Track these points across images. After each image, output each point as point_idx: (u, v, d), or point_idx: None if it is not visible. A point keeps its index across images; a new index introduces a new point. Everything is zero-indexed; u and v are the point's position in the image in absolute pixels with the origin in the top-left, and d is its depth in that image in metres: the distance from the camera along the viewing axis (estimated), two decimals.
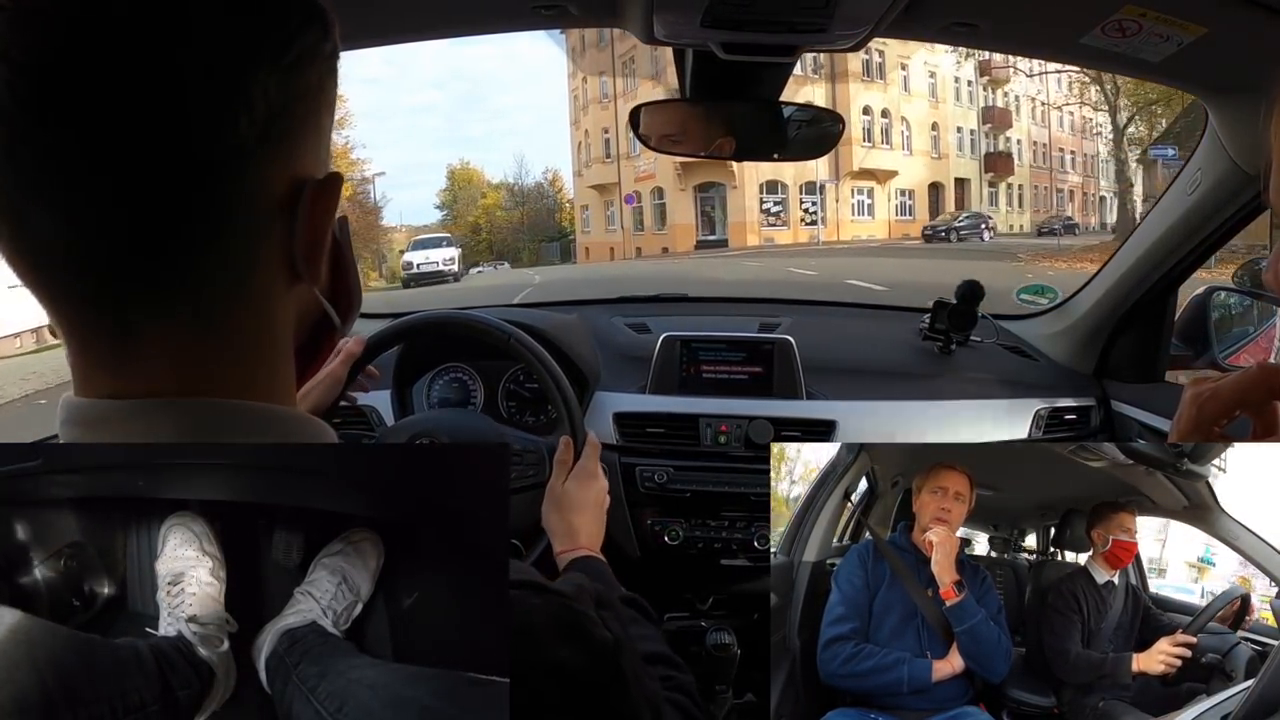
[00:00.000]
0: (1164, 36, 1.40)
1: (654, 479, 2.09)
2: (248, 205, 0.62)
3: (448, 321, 1.79)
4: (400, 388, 2.18)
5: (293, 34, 0.63)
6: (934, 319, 2.45)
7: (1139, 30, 1.40)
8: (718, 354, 2.26)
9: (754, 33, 1.49)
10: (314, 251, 0.68)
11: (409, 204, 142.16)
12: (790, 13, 1.41)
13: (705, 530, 2.09)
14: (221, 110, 0.59)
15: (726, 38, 1.51)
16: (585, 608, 0.78)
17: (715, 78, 1.72)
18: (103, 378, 0.63)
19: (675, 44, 1.63)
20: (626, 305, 2.84)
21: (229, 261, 0.63)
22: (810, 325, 2.52)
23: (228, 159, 0.60)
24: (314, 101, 0.66)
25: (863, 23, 1.47)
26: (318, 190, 0.66)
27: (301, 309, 0.71)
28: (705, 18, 1.42)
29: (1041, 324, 2.62)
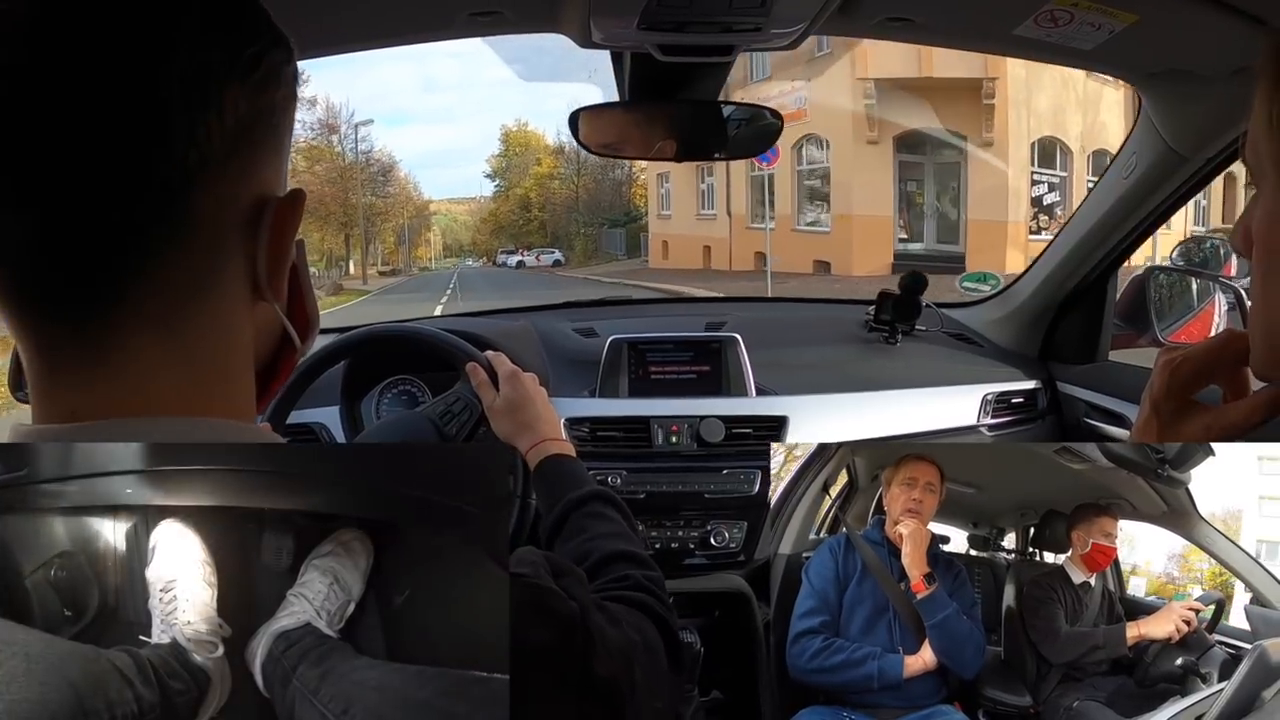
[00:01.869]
0: (1096, 25, 1.41)
1: (608, 483, 2.06)
2: (212, 218, 0.62)
3: (365, 337, 1.78)
4: (349, 402, 2.15)
5: (262, 52, 0.64)
6: (879, 310, 2.47)
7: (1071, 20, 1.41)
8: (665, 355, 2.25)
9: (691, 34, 1.49)
10: (277, 268, 0.68)
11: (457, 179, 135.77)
12: (726, 13, 1.41)
13: (662, 531, 2.08)
14: (191, 120, 0.59)
15: (664, 39, 1.51)
16: (546, 583, 0.79)
17: (654, 80, 1.73)
18: (63, 395, 0.62)
19: (613, 47, 1.63)
20: (573, 310, 2.84)
21: (192, 275, 0.62)
22: (756, 322, 2.52)
23: (195, 169, 0.60)
24: (279, 119, 0.67)
25: (798, 21, 1.47)
26: (281, 207, 0.67)
27: (262, 328, 0.71)
28: (642, 20, 1.42)
29: (985, 310, 2.66)
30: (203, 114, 0.59)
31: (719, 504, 2.07)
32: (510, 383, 1.51)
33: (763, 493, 2.06)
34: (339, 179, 44.18)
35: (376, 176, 47.76)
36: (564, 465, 1.31)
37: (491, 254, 54.47)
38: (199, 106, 0.59)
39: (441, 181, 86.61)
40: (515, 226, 51.83)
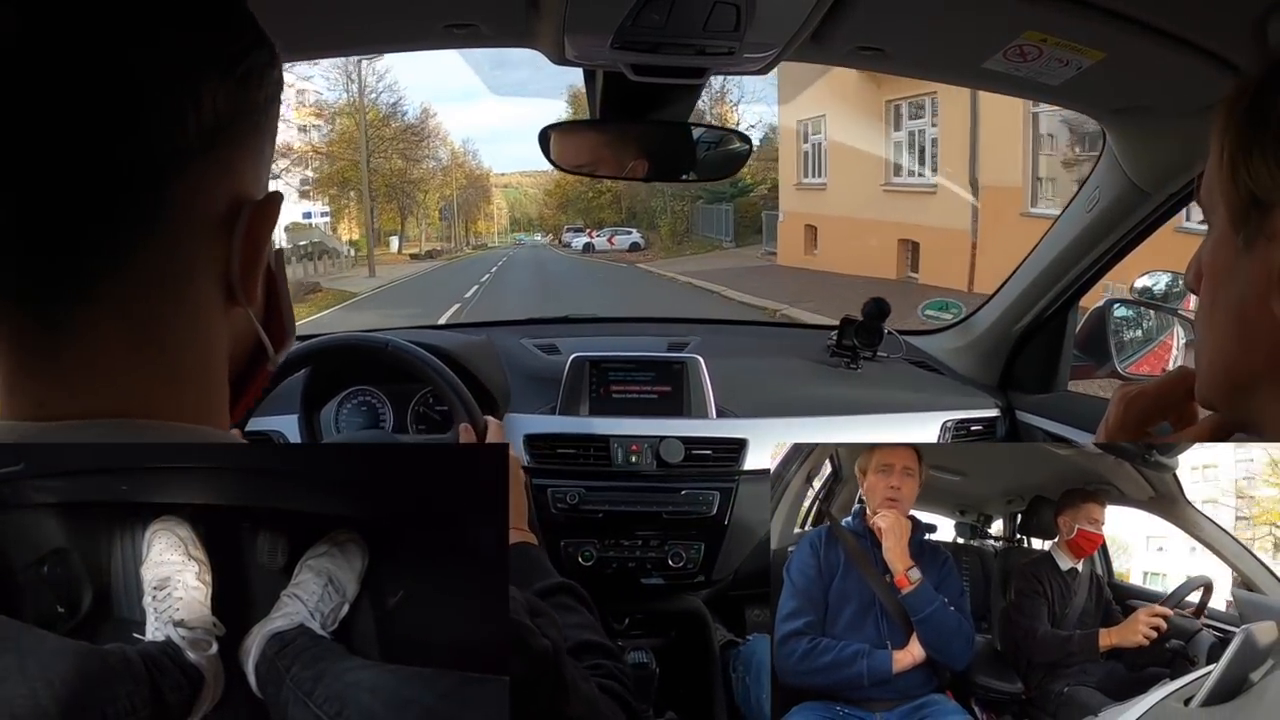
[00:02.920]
0: (1064, 61, 1.43)
1: (566, 500, 2.07)
2: (185, 213, 0.62)
3: (329, 345, 1.76)
4: (308, 411, 2.13)
5: (243, 51, 0.64)
6: (841, 335, 2.48)
7: (1040, 55, 1.43)
8: (627, 374, 2.26)
9: (664, 55, 1.50)
10: (250, 272, 0.67)
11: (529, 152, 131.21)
12: (700, 36, 1.42)
13: (619, 550, 2.08)
14: (168, 111, 0.59)
15: (637, 59, 1.52)
16: (521, 618, 0.80)
17: (625, 99, 1.73)
18: (30, 392, 0.62)
19: (586, 65, 1.64)
20: (535, 326, 2.84)
21: (163, 272, 0.62)
22: (718, 344, 2.54)
23: (169, 163, 0.60)
24: (259, 120, 0.67)
25: (770, 47, 1.49)
26: (257, 210, 0.67)
27: (236, 335, 0.71)
28: (616, 39, 1.42)
29: (946, 339, 2.69)
30: (180, 107, 0.59)
31: (677, 524, 2.07)
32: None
33: (721, 514, 2.07)
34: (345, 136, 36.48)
35: (405, 135, 39.66)
36: (530, 553, 1.31)
37: (558, 231, 48.33)
38: (176, 98, 0.59)
39: (515, 154, 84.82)
40: (584, 200, 44.82)
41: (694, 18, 1.35)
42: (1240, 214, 0.71)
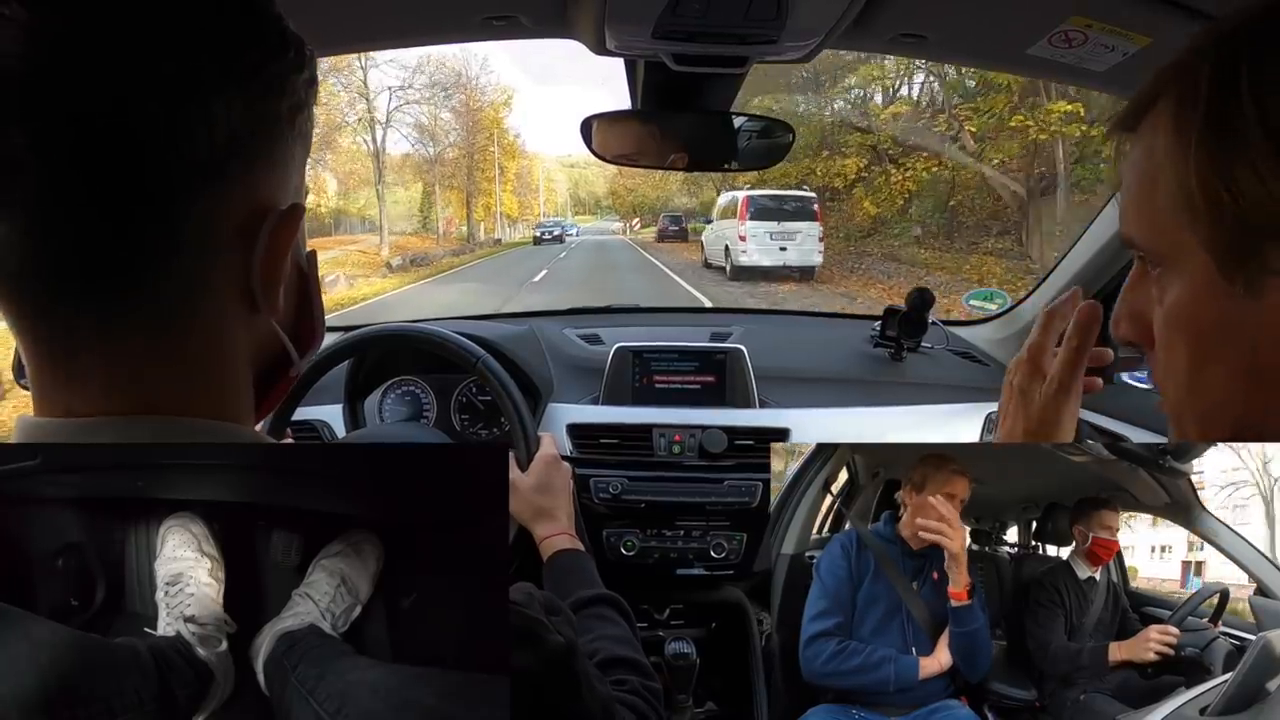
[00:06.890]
0: (1109, 46, 1.41)
1: (608, 490, 2.07)
2: (203, 226, 0.62)
3: (413, 336, 1.78)
4: (352, 401, 2.16)
5: (260, 62, 0.64)
6: (885, 326, 2.46)
7: (1085, 40, 1.41)
8: (670, 364, 2.26)
9: (705, 44, 1.49)
10: (272, 281, 0.68)
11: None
12: (741, 25, 1.42)
13: (661, 540, 2.07)
14: (181, 129, 0.59)
15: (678, 49, 1.51)
16: (536, 614, 0.81)
17: (666, 89, 1.73)
18: (58, 395, 0.63)
19: (627, 55, 1.64)
20: (578, 316, 2.83)
21: (182, 281, 0.63)
22: (761, 334, 2.52)
23: (185, 178, 0.60)
24: (281, 131, 0.66)
25: (813, 35, 1.48)
26: (278, 220, 0.67)
27: (260, 340, 0.71)
28: (657, 29, 1.42)
29: (991, 329, 2.66)
30: (190, 125, 0.59)
31: (719, 515, 2.06)
32: (548, 467, 1.54)
33: (763, 505, 2.06)
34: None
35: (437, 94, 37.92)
36: (577, 561, 1.33)
37: (643, 215, 42.20)
38: (186, 115, 0.59)
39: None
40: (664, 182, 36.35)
41: (735, 6, 1.35)
42: (1230, 250, 0.62)
